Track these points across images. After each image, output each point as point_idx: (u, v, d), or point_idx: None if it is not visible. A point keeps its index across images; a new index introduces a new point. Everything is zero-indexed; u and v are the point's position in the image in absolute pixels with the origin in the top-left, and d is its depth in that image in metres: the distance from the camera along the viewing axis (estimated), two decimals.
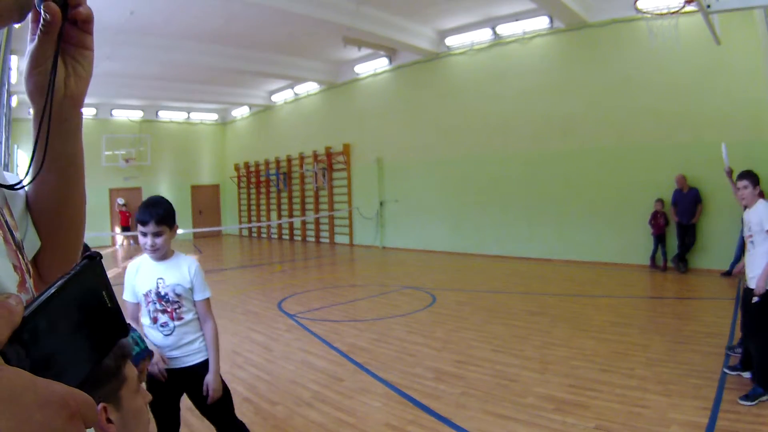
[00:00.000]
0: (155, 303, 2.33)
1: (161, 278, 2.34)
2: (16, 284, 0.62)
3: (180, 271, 2.36)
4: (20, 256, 0.65)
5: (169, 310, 2.34)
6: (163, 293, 2.33)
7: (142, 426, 0.92)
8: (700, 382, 3.57)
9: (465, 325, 5.51)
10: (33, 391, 0.38)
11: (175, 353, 2.35)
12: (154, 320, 2.34)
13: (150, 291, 2.33)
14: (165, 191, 18.89)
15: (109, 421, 0.86)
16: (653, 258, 8.50)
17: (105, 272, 0.59)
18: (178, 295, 2.34)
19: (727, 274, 7.46)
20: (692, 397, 3.34)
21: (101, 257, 0.59)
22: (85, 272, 0.56)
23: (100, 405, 0.83)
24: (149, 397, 1.03)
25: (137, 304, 2.37)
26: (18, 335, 0.44)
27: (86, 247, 0.62)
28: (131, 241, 16.83)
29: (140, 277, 2.35)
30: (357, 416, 3.36)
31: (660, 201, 8.34)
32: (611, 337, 4.85)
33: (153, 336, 2.35)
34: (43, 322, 0.48)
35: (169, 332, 2.34)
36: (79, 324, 0.53)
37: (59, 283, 0.52)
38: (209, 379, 2.35)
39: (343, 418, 3.34)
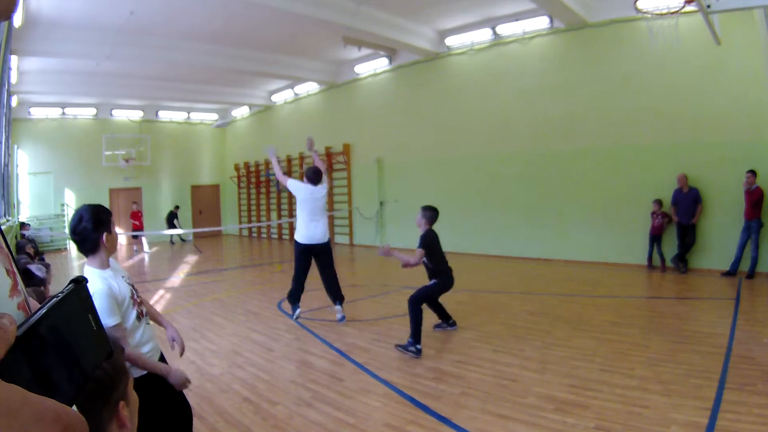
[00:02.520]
0: (137, 296, 2.20)
1: (122, 275, 2.17)
2: (9, 288, 0.63)
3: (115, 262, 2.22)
4: (12, 261, 0.66)
5: (140, 300, 2.23)
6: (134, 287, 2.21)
7: (137, 416, 0.97)
8: (700, 382, 3.57)
9: (465, 325, 5.51)
10: (29, 406, 0.41)
11: (154, 342, 2.24)
12: (141, 314, 2.18)
13: (133, 291, 2.17)
14: (165, 191, 18.91)
15: None
16: (650, 258, 8.50)
17: (90, 296, 0.60)
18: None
19: (729, 274, 7.47)
20: (692, 397, 3.34)
21: (87, 281, 0.60)
22: (71, 296, 0.57)
23: (120, 403, 0.89)
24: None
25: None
26: (13, 353, 0.45)
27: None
28: (134, 247, 15.62)
29: (118, 284, 2.09)
30: (357, 416, 3.36)
31: (657, 201, 8.31)
32: (611, 337, 4.85)
33: (147, 333, 2.18)
34: (35, 342, 0.49)
35: (148, 322, 2.25)
36: (67, 345, 0.54)
37: (48, 306, 0.53)
38: None
39: (343, 418, 3.34)
